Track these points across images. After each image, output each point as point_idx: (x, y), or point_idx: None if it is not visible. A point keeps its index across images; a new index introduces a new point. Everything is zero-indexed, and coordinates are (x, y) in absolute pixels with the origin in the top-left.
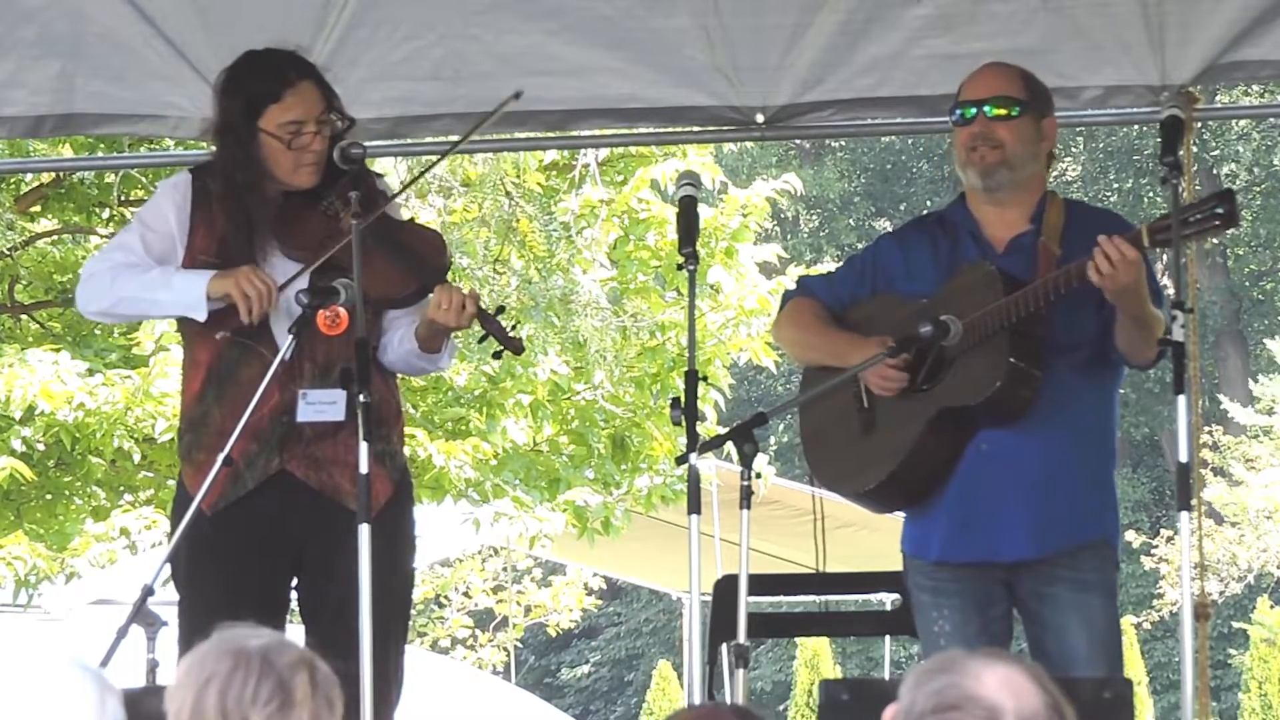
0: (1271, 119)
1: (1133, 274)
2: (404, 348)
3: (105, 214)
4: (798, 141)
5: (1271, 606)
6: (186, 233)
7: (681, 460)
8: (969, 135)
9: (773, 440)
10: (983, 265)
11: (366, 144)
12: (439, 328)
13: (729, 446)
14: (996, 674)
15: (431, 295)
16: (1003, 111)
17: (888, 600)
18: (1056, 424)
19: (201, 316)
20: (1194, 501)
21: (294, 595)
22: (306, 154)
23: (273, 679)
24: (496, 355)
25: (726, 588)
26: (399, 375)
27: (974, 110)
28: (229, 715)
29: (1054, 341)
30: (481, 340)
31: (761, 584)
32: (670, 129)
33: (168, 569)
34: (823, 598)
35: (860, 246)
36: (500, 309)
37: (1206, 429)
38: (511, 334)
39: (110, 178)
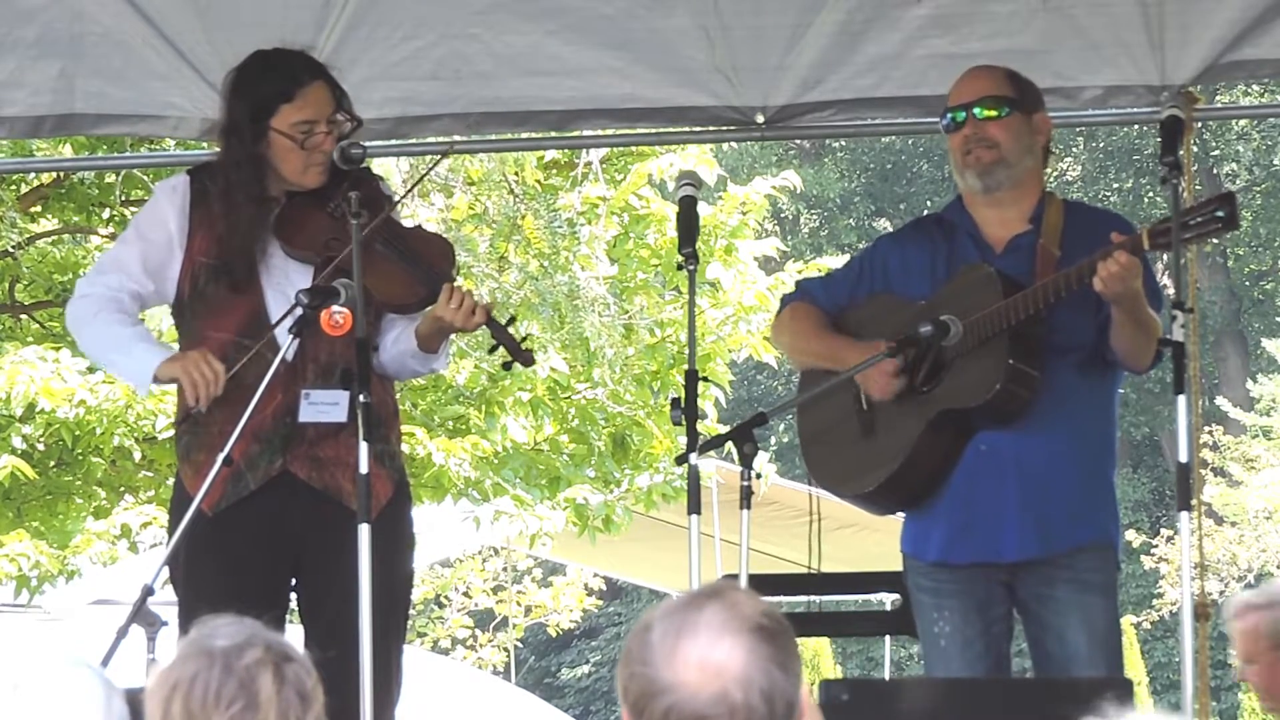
0: (1271, 119)
1: (1131, 280)
2: (399, 347)
3: (106, 214)
4: (798, 141)
5: None
6: (186, 235)
7: (681, 460)
8: (962, 139)
9: (773, 440)
10: (981, 267)
11: (366, 144)
12: (443, 326)
13: (729, 446)
14: (694, 659)
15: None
16: (992, 112)
17: (888, 600)
18: (1056, 425)
19: (142, 393)
20: (1194, 501)
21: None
22: (316, 154)
23: (234, 681)
24: (506, 366)
25: None
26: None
27: (964, 114)
28: None
29: (1053, 343)
30: (492, 350)
31: (761, 584)
32: (670, 129)
33: (167, 569)
34: (822, 598)
35: (860, 246)
36: (511, 319)
37: (1206, 429)
38: (523, 345)
39: (111, 178)
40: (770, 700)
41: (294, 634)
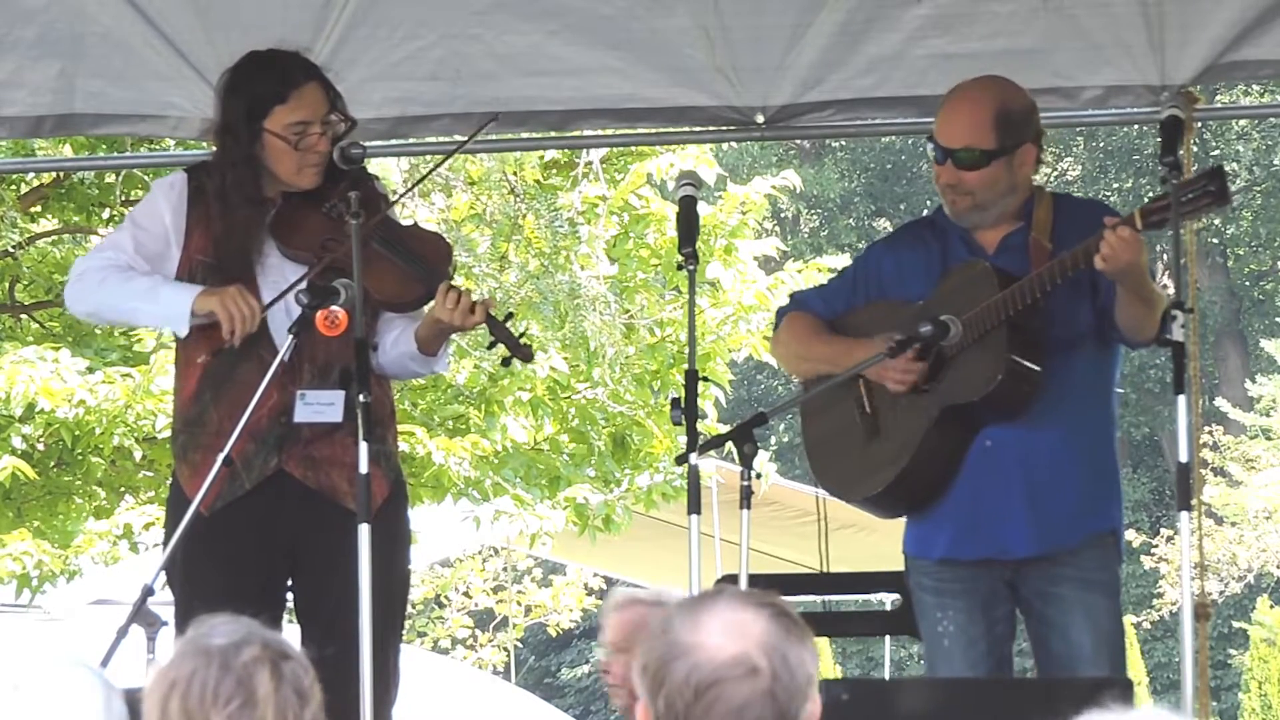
0: (1271, 119)
1: (1133, 253)
2: (399, 349)
3: (105, 214)
4: (798, 141)
5: (1271, 606)
6: (183, 233)
7: (681, 460)
8: (940, 180)
9: (773, 440)
10: (977, 263)
11: (366, 144)
12: (443, 327)
13: (729, 446)
14: (716, 624)
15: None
16: (971, 161)
17: (888, 600)
18: (1059, 417)
19: (183, 332)
20: (1194, 501)
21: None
22: (311, 155)
23: (232, 678)
24: (505, 362)
25: None
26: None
27: (945, 157)
28: (192, 718)
29: (1053, 335)
30: (490, 346)
31: (762, 584)
32: (670, 129)
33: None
34: (823, 598)
35: (861, 246)
36: (509, 315)
37: (1206, 429)
38: (521, 340)
39: (110, 178)
40: (791, 669)
41: (291, 633)
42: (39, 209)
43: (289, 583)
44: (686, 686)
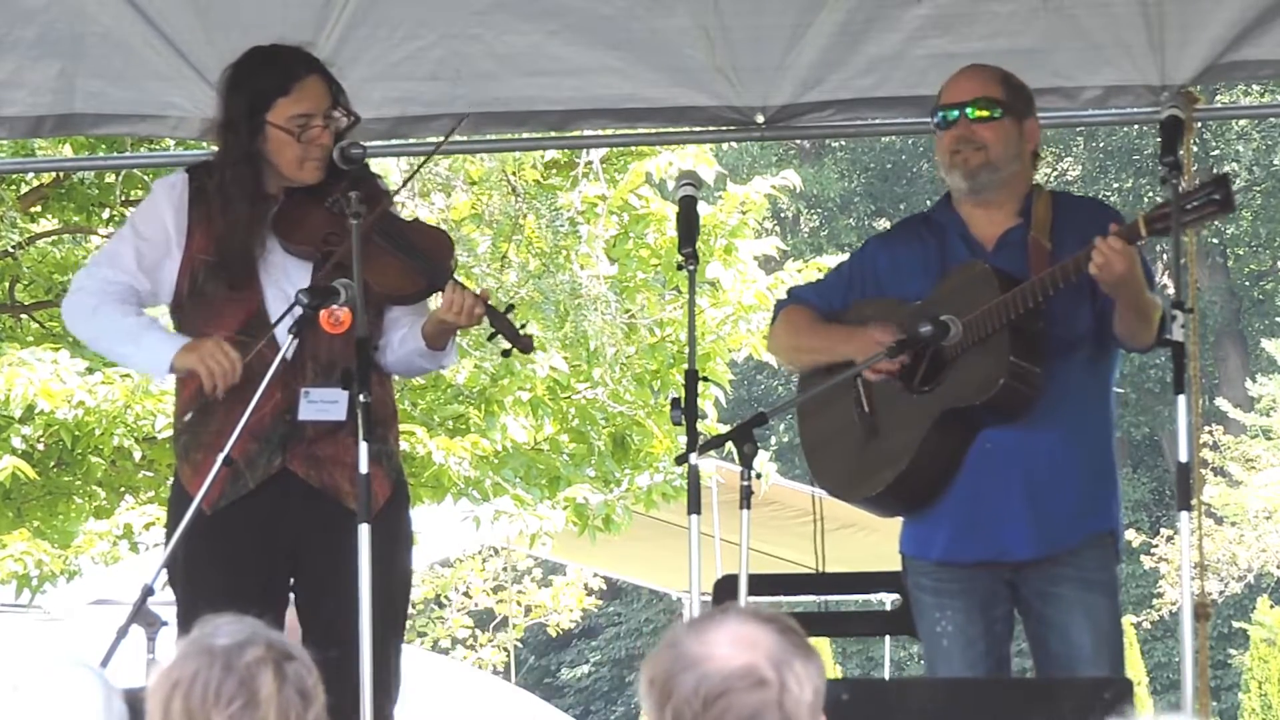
0: (1271, 119)
1: (1127, 265)
2: (406, 347)
3: (106, 214)
4: (798, 141)
5: (1271, 606)
6: (184, 233)
7: (681, 460)
8: (952, 139)
9: (773, 440)
10: (976, 264)
11: (366, 144)
12: (447, 326)
13: (729, 446)
14: (724, 636)
15: (440, 293)
16: (984, 113)
17: (888, 600)
18: (1058, 419)
19: (158, 381)
20: (1194, 501)
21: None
22: (314, 148)
23: (235, 679)
24: (505, 354)
25: (726, 588)
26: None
27: (955, 113)
28: (194, 718)
29: (1053, 336)
30: (491, 338)
31: (761, 584)
32: (670, 129)
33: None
34: (823, 598)
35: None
36: (509, 307)
37: (1206, 429)
38: (521, 332)
39: (110, 178)
40: (800, 681)
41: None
42: (39, 209)
43: (291, 583)
44: (695, 697)
